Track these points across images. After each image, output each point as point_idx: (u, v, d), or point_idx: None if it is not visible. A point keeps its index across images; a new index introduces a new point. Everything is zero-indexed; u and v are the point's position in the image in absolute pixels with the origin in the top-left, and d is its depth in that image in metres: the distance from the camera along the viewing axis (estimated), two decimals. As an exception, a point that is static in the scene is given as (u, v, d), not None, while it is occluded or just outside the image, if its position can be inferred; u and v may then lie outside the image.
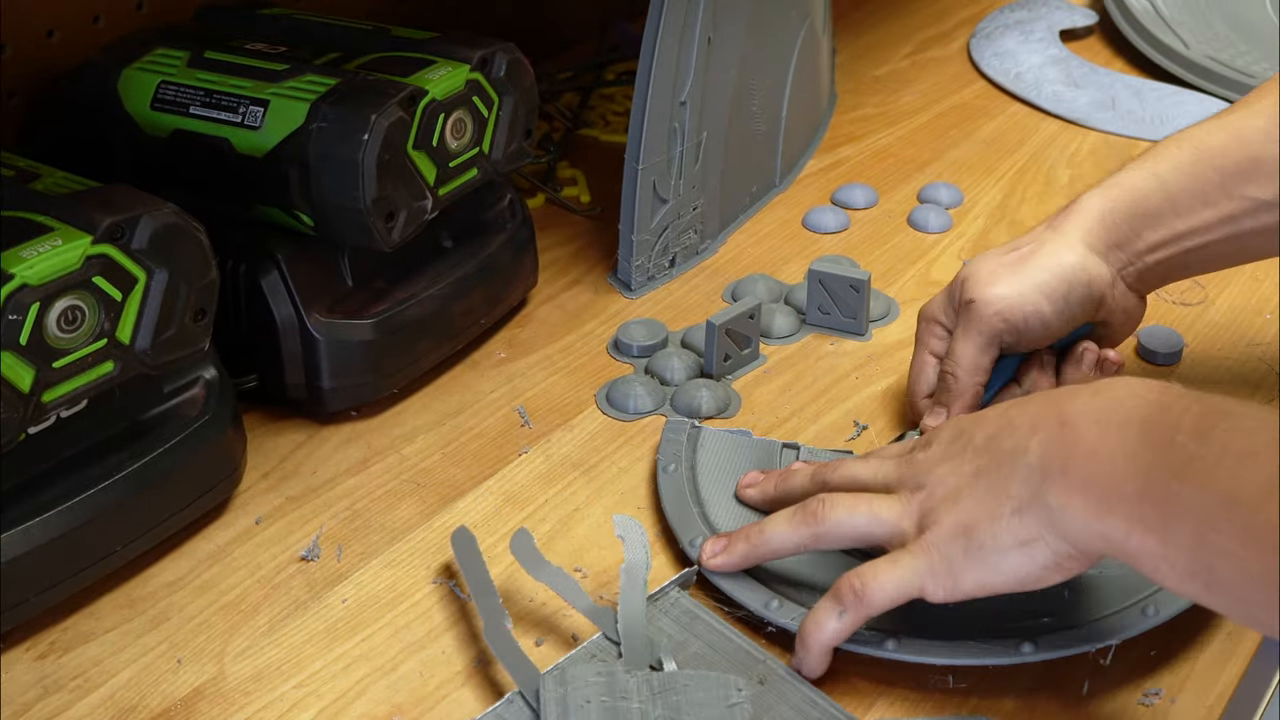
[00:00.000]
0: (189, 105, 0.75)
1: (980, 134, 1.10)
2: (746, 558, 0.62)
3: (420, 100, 0.73)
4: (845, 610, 0.58)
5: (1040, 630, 0.60)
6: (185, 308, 0.64)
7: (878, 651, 0.60)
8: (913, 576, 0.57)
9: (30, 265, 0.58)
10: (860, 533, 0.60)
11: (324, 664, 0.62)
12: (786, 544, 0.61)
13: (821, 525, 0.60)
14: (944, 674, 0.60)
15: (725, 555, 0.63)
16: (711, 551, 0.63)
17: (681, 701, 0.56)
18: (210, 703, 0.60)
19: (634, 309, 0.88)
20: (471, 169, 0.78)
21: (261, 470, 0.73)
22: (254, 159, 0.73)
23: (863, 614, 0.58)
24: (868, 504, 0.60)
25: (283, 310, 0.74)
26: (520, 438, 0.76)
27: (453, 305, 0.79)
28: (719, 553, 0.63)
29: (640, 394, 0.78)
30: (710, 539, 0.64)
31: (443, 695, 0.60)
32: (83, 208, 0.61)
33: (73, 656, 0.62)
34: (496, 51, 0.78)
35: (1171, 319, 0.85)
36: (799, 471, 0.66)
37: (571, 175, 1.03)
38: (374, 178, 0.70)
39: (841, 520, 0.60)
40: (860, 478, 0.62)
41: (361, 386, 0.76)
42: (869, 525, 0.60)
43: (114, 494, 0.64)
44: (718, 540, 0.63)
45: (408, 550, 0.68)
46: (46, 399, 0.60)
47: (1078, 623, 0.60)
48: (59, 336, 0.60)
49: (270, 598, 0.65)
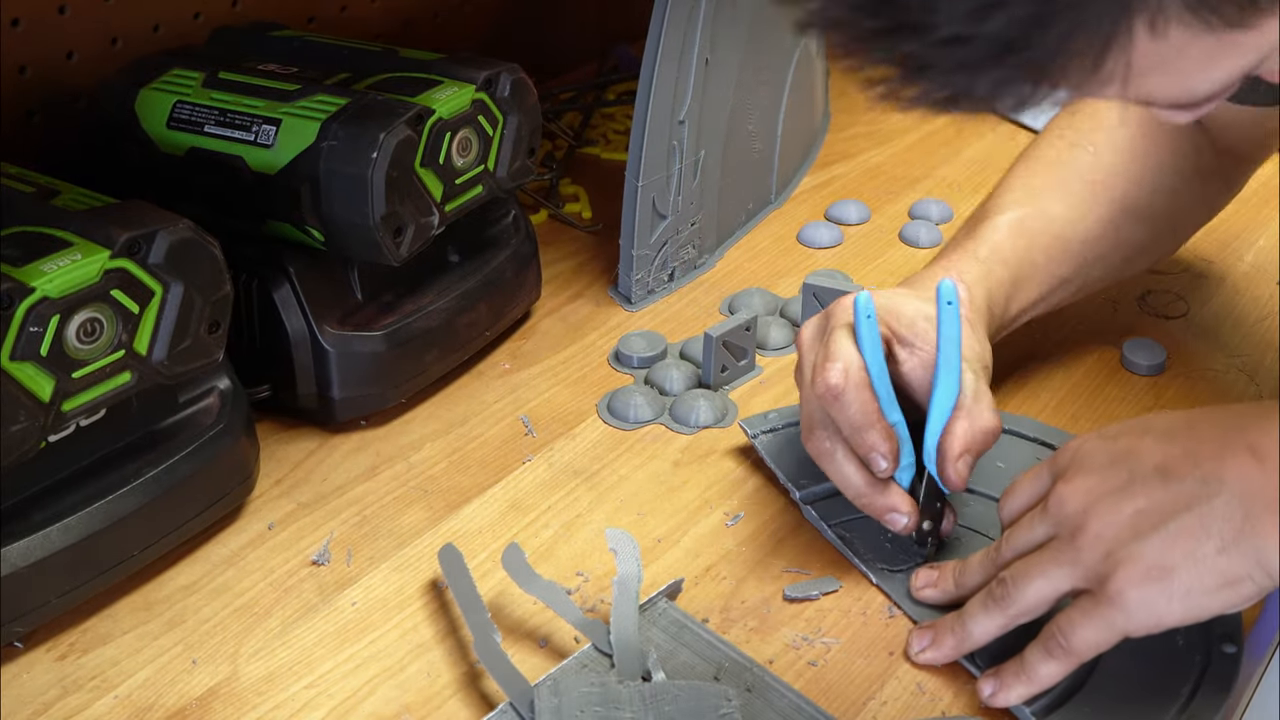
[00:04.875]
0: (204, 124, 0.76)
1: (969, 152, 1.12)
2: (957, 651, 0.62)
3: (427, 119, 0.74)
4: (1055, 661, 0.58)
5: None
6: (200, 320, 0.65)
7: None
8: (1111, 631, 0.57)
9: (51, 279, 0.59)
10: (1049, 598, 0.59)
11: (334, 665, 0.63)
12: (990, 631, 0.61)
13: (1014, 606, 0.59)
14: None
15: (934, 650, 0.62)
16: (919, 647, 0.63)
17: (674, 711, 0.57)
18: (224, 702, 0.61)
19: (634, 321, 0.89)
20: (477, 186, 0.79)
21: (274, 477, 0.74)
22: (267, 176, 0.74)
23: (1073, 664, 0.58)
24: (1042, 572, 0.59)
25: (294, 323, 0.75)
26: (524, 446, 0.78)
27: (459, 318, 0.81)
28: (926, 648, 0.62)
29: (640, 404, 0.80)
30: (916, 633, 0.63)
31: (450, 695, 0.61)
32: (101, 223, 0.62)
33: (91, 657, 0.63)
34: (501, 72, 0.79)
35: (1154, 332, 0.86)
36: (971, 565, 0.64)
37: (573, 192, 1.04)
38: (382, 194, 0.71)
39: (1029, 595, 0.59)
40: (1025, 546, 0.61)
41: (371, 396, 0.77)
42: (1053, 589, 0.59)
43: (131, 500, 0.65)
44: (923, 635, 0.63)
45: (415, 555, 0.69)
46: (66, 408, 0.61)
47: None
48: (78, 348, 0.60)
49: (282, 601, 0.66)
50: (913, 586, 0.66)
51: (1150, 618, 0.56)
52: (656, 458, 0.76)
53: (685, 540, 0.70)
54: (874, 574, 0.67)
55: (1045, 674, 0.59)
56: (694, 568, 0.69)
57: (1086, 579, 0.57)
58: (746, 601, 0.66)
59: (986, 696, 0.60)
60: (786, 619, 0.65)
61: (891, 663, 0.63)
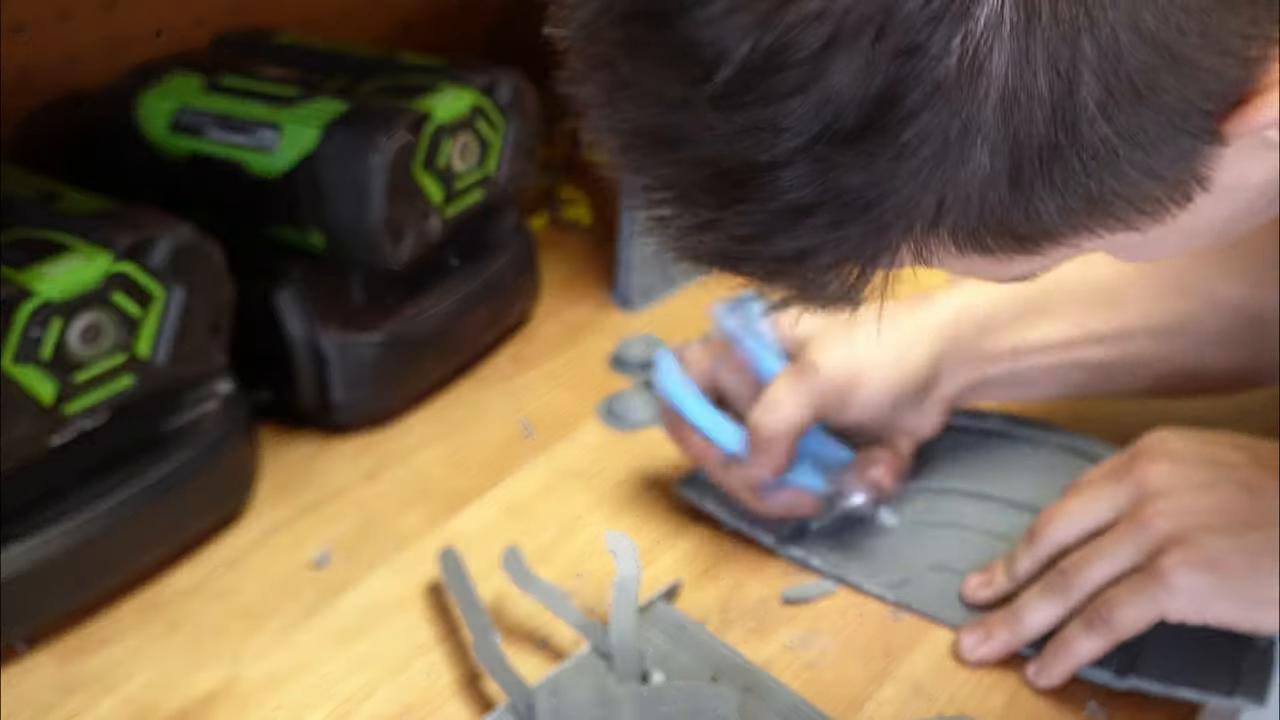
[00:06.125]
0: (206, 129, 0.76)
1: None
2: (1010, 645, 0.62)
3: (428, 124, 0.74)
4: (1097, 636, 0.59)
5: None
6: (202, 324, 0.65)
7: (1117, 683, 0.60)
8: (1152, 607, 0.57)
9: (52, 282, 0.59)
10: (1106, 579, 0.59)
11: (335, 666, 0.63)
12: (1047, 620, 0.61)
13: (1076, 591, 0.60)
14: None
15: (988, 646, 0.62)
16: (973, 644, 0.62)
17: (672, 712, 0.57)
18: (225, 703, 0.61)
19: (633, 325, 0.89)
20: (477, 190, 0.79)
21: (275, 480, 0.74)
22: (268, 180, 0.74)
23: (1113, 641, 0.59)
24: (1103, 553, 0.59)
25: (295, 327, 0.75)
26: (523, 449, 0.78)
27: (458, 322, 0.81)
28: (981, 644, 0.62)
29: (639, 407, 0.80)
30: (966, 631, 0.63)
31: (450, 696, 0.62)
32: (103, 227, 0.63)
33: (93, 659, 0.63)
34: (501, 77, 0.79)
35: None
36: (1020, 555, 0.64)
37: (573, 197, 1.04)
38: (383, 198, 0.72)
39: (1092, 579, 0.59)
40: (1086, 523, 0.61)
41: (371, 400, 0.78)
42: (1116, 568, 0.59)
43: (134, 503, 0.65)
44: (975, 631, 0.63)
45: (415, 557, 0.70)
46: (68, 411, 0.61)
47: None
48: (80, 351, 0.61)
49: (283, 603, 0.67)
50: (964, 592, 0.65)
51: (1191, 605, 0.57)
52: (655, 460, 0.76)
53: (684, 542, 0.71)
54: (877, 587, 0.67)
55: (1085, 649, 0.59)
56: (692, 569, 0.69)
57: (1145, 554, 0.58)
58: (745, 603, 0.67)
59: (1031, 676, 0.61)
60: (784, 621, 0.66)
61: (888, 664, 0.63)
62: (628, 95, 0.37)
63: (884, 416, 0.68)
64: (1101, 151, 0.35)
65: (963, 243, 0.38)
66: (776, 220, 0.37)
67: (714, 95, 0.35)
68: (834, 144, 0.35)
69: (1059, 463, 0.72)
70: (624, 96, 0.38)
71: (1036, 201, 0.36)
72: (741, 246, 0.38)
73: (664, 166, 0.38)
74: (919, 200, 0.36)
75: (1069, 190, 0.36)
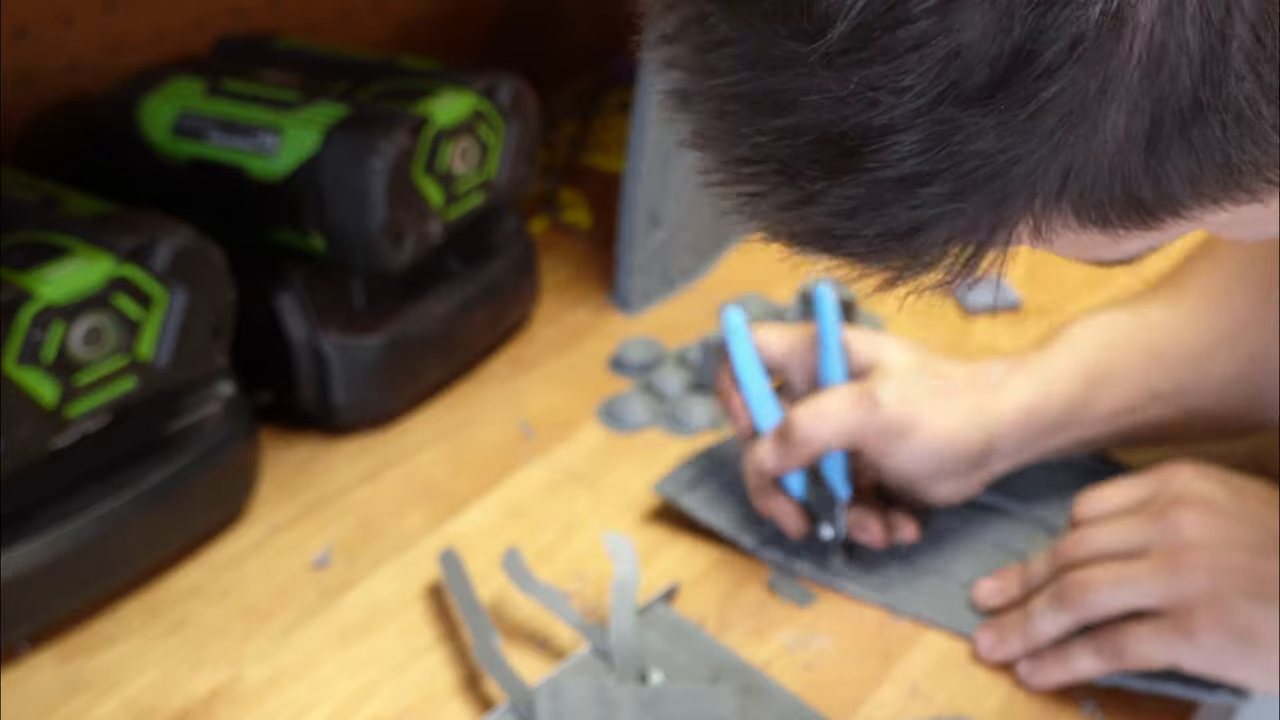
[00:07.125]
0: (207, 133, 0.76)
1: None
2: (1022, 650, 0.62)
3: (428, 128, 0.74)
4: (1102, 660, 0.59)
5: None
6: (203, 326, 0.66)
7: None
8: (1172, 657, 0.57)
9: (55, 285, 0.60)
10: (1124, 608, 0.59)
11: (336, 666, 0.64)
12: (1058, 631, 0.61)
13: (1084, 608, 0.60)
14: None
15: (1004, 650, 0.62)
16: (989, 647, 0.63)
17: (671, 713, 0.58)
18: (227, 704, 0.62)
19: (632, 328, 0.90)
20: (477, 194, 0.79)
21: (276, 481, 0.75)
22: (269, 184, 0.74)
23: (1117, 669, 0.59)
24: (1129, 580, 0.59)
25: (296, 329, 0.75)
26: (523, 450, 0.78)
27: (459, 325, 0.81)
28: (998, 647, 0.63)
29: (638, 409, 0.80)
30: (982, 632, 0.64)
31: (450, 696, 0.62)
32: (105, 230, 0.63)
33: (96, 660, 0.64)
34: (501, 81, 0.79)
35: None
36: (1037, 565, 0.64)
37: (573, 200, 1.04)
38: (383, 202, 0.72)
39: (1105, 600, 0.59)
40: (1106, 548, 0.61)
41: (372, 402, 0.78)
42: (1137, 601, 0.59)
43: (136, 504, 0.65)
44: (988, 634, 0.63)
45: (416, 558, 0.70)
46: (70, 414, 0.61)
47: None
48: (82, 354, 0.61)
49: (284, 604, 0.67)
50: (976, 598, 0.66)
51: (1212, 665, 0.57)
52: (654, 462, 0.77)
53: (682, 544, 0.71)
54: (866, 589, 0.67)
55: (1086, 667, 0.60)
56: (691, 571, 0.69)
57: (1172, 603, 0.58)
58: (743, 604, 0.67)
59: (1023, 673, 0.61)
60: (782, 622, 0.66)
61: (886, 664, 0.63)
62: (725, 55, 0.33)
63: (922, 475, 0.67)
64: (1246, 113, 0.31)
65: (1085, 216, 0.34)
66: (889, 191, 0.33)
67: (827, 52, 0.31)
68: (960, 105, 0.31)
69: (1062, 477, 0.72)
70: (721, 57, 0.33)
71: (1170, 168, 0.32)
72: (846, 222, 0.34)
73: (764, 135, 0.34)
74: (1047, 168, 0.32)
75: (1205, 156, 0.32)
